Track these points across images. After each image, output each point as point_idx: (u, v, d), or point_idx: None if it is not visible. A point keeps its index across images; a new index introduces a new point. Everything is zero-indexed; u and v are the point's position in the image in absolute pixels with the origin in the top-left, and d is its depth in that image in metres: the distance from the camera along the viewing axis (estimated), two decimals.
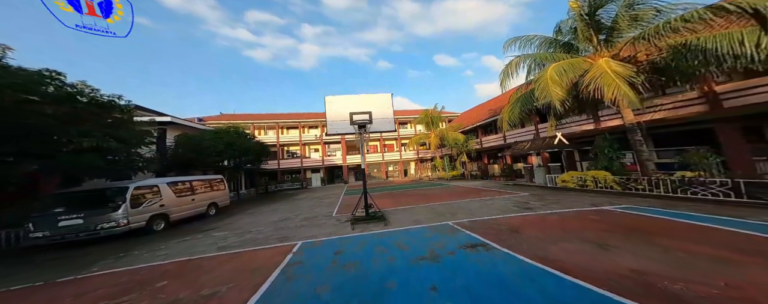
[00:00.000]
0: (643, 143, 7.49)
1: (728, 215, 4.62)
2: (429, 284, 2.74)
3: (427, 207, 7.81)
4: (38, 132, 5.28)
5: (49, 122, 5.36)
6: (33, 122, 5.09)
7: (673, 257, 3.01)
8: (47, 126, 5.37)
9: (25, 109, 5.02)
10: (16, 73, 5.15)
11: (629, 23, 7.52)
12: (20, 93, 5.04)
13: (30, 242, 5.49)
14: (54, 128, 5.53)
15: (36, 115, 5.17)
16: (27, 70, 5.46)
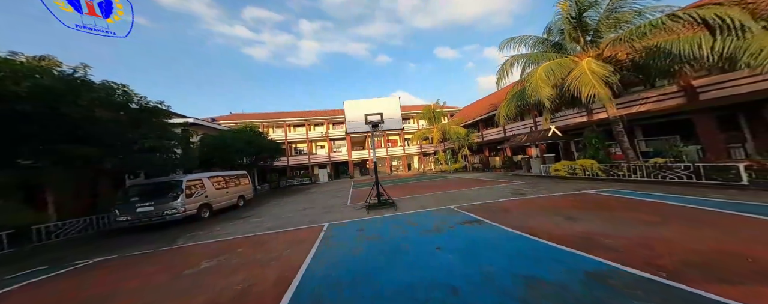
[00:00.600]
0: (624, 134, 8.36)
1: (680, 193, 5.57)
2: (434, 246, 3.79)
3: (431, 196, 8.86)
4: (112, 135, 6.44)
5: (119, 128, 6.52)
6: (111, 128, 6.26)
7: (617, 223, 4.00)
8: (118, 130, 6.53)
9: (104, 117, 6.14)
10: (98, 88, 6.25)
11: (612, 25, 8.26)
12: (102, 105, 6.15)
13: (117, 225, 6.79)
14: (123, 132, 6.70)
15: (113, 123, 6.31)
16: (104, 84, 6.54)
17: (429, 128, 25.89)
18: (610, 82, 7.44)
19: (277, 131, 30.96)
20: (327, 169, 31.07)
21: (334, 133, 31.69)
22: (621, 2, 8.02)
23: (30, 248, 5.69)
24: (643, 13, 7.70)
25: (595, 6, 8.46)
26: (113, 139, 6.54)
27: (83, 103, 5.53)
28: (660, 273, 2.32)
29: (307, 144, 31.41)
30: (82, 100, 5.52)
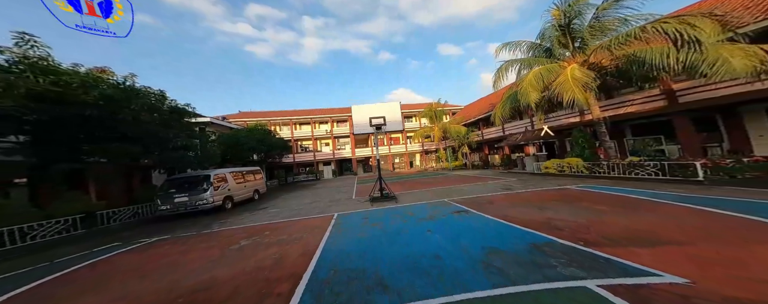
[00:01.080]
0: (606, 134, 9.09)
1: (645, 188, 6.34)
2: (426, 230, 4.68)
3: (429, 190, 9.75)
4: (151, 135, 7.49)
5: (156, 129, 7.56)
6: (150, 129, 7.30)
7: (575, 211, 4.84)
8: (156, 131, 7.57)
9: (145, 120, 7.15)
10: (143, 95, 7.26)
11: (597, 33, 8.91)
12: (145, 109, 7.16)
13: (158, 213, 7.90)
14: (159, 132, 7.74)
15: (152, 124, 7.34)
16: (143, 89, 7.54)
17: (430, 127, 26.62)
18: (591, 87, 8.15)
19: (284, 129, 32.04)
20: (331, 166, 32.15)
21: (338, 131, 32.64)
22: (605, 12, 8.67)
23: (97, 229, 6.80)
24: (627, 20, 8.34)
25: (580, 15, 9.12)
26: (152, 139, 7.60)
27: (134, 108, 6.53)
28: (579, 242, 3.19)
29: (312, 142, 32.47)
30: (133, 106, 6.52)
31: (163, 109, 8.28)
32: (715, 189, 5.65)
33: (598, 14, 8.87)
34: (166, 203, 7.91)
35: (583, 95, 7.71)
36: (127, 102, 6.45)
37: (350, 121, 32.88)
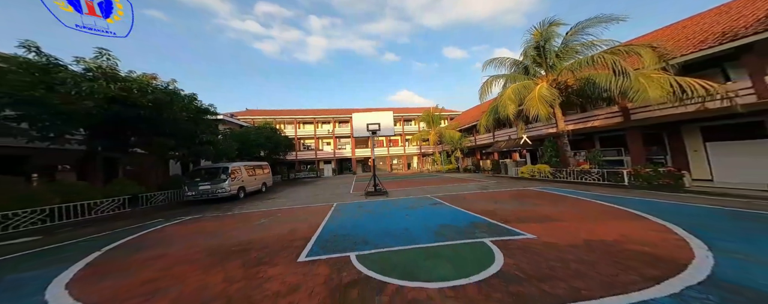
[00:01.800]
0: (567, 145, 10.55)
1: (585, 189, 7.77)
2: (405, 214, 6.13)
3: (418, 188, 11.20)
4: (183, 131, 8.99)
5: (188, 126, 9.06)
6: (183, 126, 8.80)
7: (519, 205, 6.29)
8: (187, 127, 9.08)
9: (181, 118, 8.61)
10: (181, 97, 8.75)
11: (564, 55, 10.38)
12: (182, 109, 8.66)
13: (185, 198, 9.37)
14: (189, 128, 9.26)
15: (184, 122, 8.84)
16: (179, 92, 9.03)
17: (427, 131, 28.08)
18: (555, 104, 9.62)
19: (288, 128, 33.52)
20: (331, 164, 33.60)
21: (339, 132, 34.11)
22: (572, 37, 10.16)
23: (140, 209, 8.28)
24: (594, 44, 9.82)
25: (553, 38, 10.61)
26: (184, 134, 9.10)
27: (176, 108, 8.02)
28: (501, 221, 4.65)
29: (314, 140, 33.93)
30: (175, 107, 8.02)
31: (192, 108, 9.78)
32: (631, 191, 7.12)
33: (566, 39, 10.37)
34: (192, 190, 9.39)
35: (545, 111, 9.17)
36: (170, 104, 7.95)
37: (351, 123, 34.38)
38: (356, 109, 39.28)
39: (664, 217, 4.51)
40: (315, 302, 2.31)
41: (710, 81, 6.97)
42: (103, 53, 6.83)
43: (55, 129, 6.24)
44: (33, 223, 6.01)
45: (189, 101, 9.28)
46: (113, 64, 6.99)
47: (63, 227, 6.26)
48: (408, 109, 39.60)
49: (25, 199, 5.92)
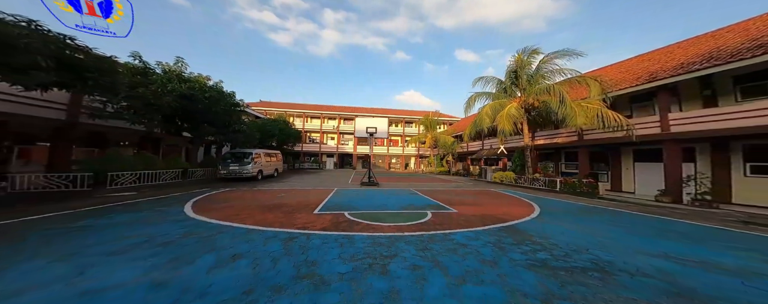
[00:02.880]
0: (528, 157, 12.78)
1: (530, 192, 10.00)
2: (387, 198, 8.46)
3: (405, 184, 13.53)
4: (222, 121, 11.46)
5: (226, 117, 11.53)
6: (221, 117, 11.28)
7: (468, 198, 8.58)
8: (225, 118, 11.55)
9: (221, 111, 11.04)
10: (225, 94, 11.19)
11: (533, 80, 12.56)
12: (223, 103, 11.13)
13: (219, 176, 11.87)
14: (226, 119, 11.72)
15: (222, 113, 11.29)
16: (220, 88, 11.46)
17: (425, 134, 30.31)
18: (520, 122, 11.86)
19: (297, 121, 35.97)
20: (334, 158, 36.03)
21: (344, 128, 36.48)
22: (543, 66, 12.35)
23: (187, 181, 10.76)
24: (559, 72, 12.01)
25: (529, 65, 12.79)
26: (222, 123, 11.57)
27: (221, 104, 10.49)
28: (446, 204, 6.98)
29: (319, 134, 36.36)
30: (221, 102, 10.47)
31: (230, 103, 12.23)
32: (557, 195, 9.39)
33: (538, 67, 12.56)
34: (225, 169, 11.83)
35: (510, 127, 11.40)
36: (218, 101, 10.41)
37: (355, 121, 36.65)
38: (361, 107, 41.56)
39: (541, 205, 6.88)
40: (324, 225, 4.65)
41: (645, 112, 9.20)
42: (178, 60, 9.30)
43: (147, 116, 8.70)
44: (132, 181, 8.50)
45: (229, 98, 11.74)
46: (183, 68, 9.45)
47: (144, 188, 8.72)
48: (410, 112, 41.78)
49: (129, 164, 8.41)
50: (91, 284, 2.27)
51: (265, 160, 13.88)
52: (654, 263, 3.06)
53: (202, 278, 2.44)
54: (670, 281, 2.58)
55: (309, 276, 2.51)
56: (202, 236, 3.80)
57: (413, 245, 3.53)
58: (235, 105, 12.67)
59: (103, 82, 6.46)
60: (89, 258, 2.86)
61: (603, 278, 2.61)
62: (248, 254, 3.08)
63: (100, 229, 4.06)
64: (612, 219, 5.68)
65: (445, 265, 2.85)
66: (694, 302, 2.22)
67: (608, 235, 4.33)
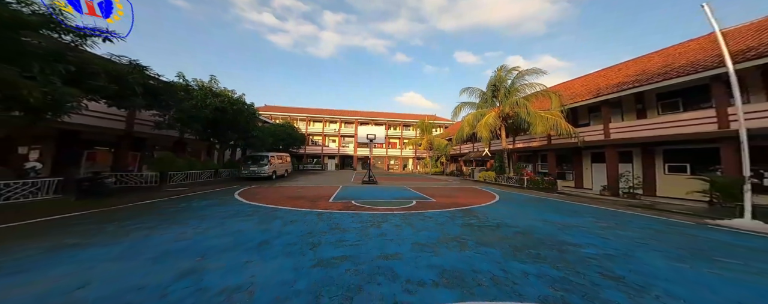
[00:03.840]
0: (506, 159, 14.89)
1: (503, 188, 12.09)
2: (384, 192, 10.54)
3: (401, 182, 15.62)
4: (242, 127, 13.57)
5: (246, 125, 13.65)
6: (242, 124, 13.39)
7: (449, 192, 10.67)
8: (245, 125, 13.67)
9: (242, 119, 13.15)
10: (248, 105, 13.31)
11: (509, 93, 14.69)
12: (245, 113, 13.23)
13: (241, 176, 13.96)
14: (246, 126, 13.84)
15: (246, 122, 13.39)
16: (246, 102, 13.56)
17: (421, 137, 32.43)
18: (500, 129, 13.98)
19: (300, 124, 38.04)
20: (335, 160, 38.09)
21: (345, 131, 38.57)
22: (517, 80, 14.48)
23: (218, 180, 12.82)
24: (531, 86, 14.15)
25: (507, 80, 14.93)
26: (243, 130, 13.67)
27: (245, 114, 12.62)
28: (428, 196, 9.07)
29: (322, 137, 38.43)
30: (245, 112, 12.59)
31: (249, 112, 14.33)
32: (523, 190, 11.47)
33: (514, 80, 14.70)
34: (246, 169, 13.90)
35: (486, 135, 13.51)
36: (242, 111, 12.54)
37: (356, 124, 38.78)
38: (362, 111, 43.67)
39: (503, 197, 8.99)
40: (339, 208, 6.70)
41: (599, 121, 11.30)
42: (212, 78, 11.52)
43: (191, 126, 10.81)
44: (182, 180, 10.58)
45: (250, 108, 13.87)
46: (214, 84, 11.61)
47: (190, 184, 10.76)
48: (408, 115, 43.91)
49: (181, 166, 10.52)
50: (227, 230, 4.36)
51: (277, 162, 15.95)
52: (530, 224, 5.17)
53: (280, 229, 4.52)
54: (525, 230, 4.66)
55: (337, 228, 4.60)
56: (265, 212, 5.87)
57: (398, 217, 5.61)
58: (253, 114, 14.77)
59: (170, 102, 8.57)
60: (214, 220, 4.95)
61: (494, 229, 4.70)
62: (299, 221, 5.15)
63: (201, 208, 6.13)
64: (543, 205, 7.75)
65: (414, 224, 4.94)
66: (528, 236, 4.29)
67: (525, 213, 6.42)
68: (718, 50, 7.59)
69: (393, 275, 2.68)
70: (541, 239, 4.15)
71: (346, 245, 3.62)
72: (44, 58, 5.37)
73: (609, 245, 3.90)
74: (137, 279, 2.49)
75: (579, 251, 3.57)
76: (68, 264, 2.82)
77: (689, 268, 3.10)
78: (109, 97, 7.26)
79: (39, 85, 5.17)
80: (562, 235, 4.41)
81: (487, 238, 4.14)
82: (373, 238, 4.02)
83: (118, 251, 3.26)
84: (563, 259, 3.25)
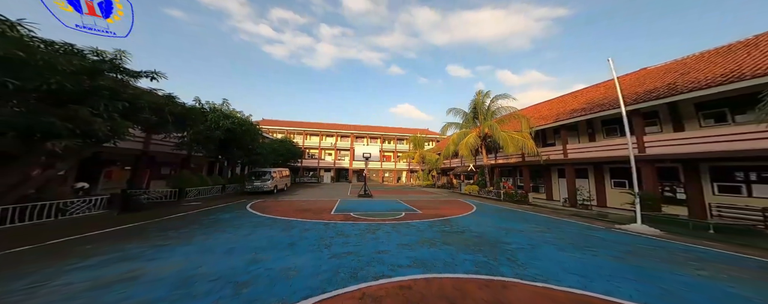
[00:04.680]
0: (485, 174, 16.74)
1: (481, 200, 13.77)
2: (378, 205, 12.04)
3: (394, 195, 17.13)
4: (247, 145, 15.02)
5: (250, 142, 15.12)
6: (247, 141, 14.86)
7: (435, 204, 12.26)
8: (250, 143, 15.14)
9: (250, 140, 14.63)
10: (253, 125, 14.87)
11: (488, 115, 16.82)
12: (252, 133, 14.75)
13: (246, 190, 15.21)
14: (250, 145, 15.30)
15: (251, 141, 14.88)
16: (252, 122, 15.12)
17: (414, 151, 34.32)
18: (480, 148, 15.93)
19: (297, 137, 39.48)
20: (331, 172, 39.28)
21: (340, 145, 40.14)
22: (492, 104, 16.67)
23: (225, 194, 14.03)
24: (507, 108, 16.33)
25: (483, 104, 17.11)
26: (248, 148, 15.11)
27: (251, 133, 14.13)
28: (415, 207, 10.66)
29: (318, 151, 39.81)
30: (251, 131, 14.10)
31: (255, 131, 15.84)
32: (500, 202, 13.18)
33: (490, 104, 16.89)
34: (250, 184, 15.16)
35: (467, 153, 15.42)
36: (248, 131, 14.09)
37: (352, 138, 40.53)
38: (357, 125, 45.59)
39: (479, 208, 10.62)
40: (340, 219, 8.18)
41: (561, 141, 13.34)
42: (224, 101, 13.16)
43: (205, 146, 12.23)
44: (195, 195, 11.81)
45: (256, 128, 15.43)
46: (225, 107, 13.25)
47: (202, 199, 11.97)
48: (402, 129, 46.06)
49: (195, 182, 11.80)
50: (260, 236, 5.81)
51: (278, 176, 17.29)
52: (486, 230, 6.80)
53: (300, 235, 5.99)
54: (479, 234, 6.28)
55: (341, 234, 6.10)
56: (283, 223, 7.29)
57: (389, 226, 7.15)
58: (258, 133, 16.31)
59: (191, 125, 10.12)
60: (246, 229, 6.36)
61: (459, 234, 6.30)
62: (311, 229, 6.62)
63: (227, 220, 7.49)
64: (505, 215, 9.39)
65: (401, 231, 6.50)
66: (480, 238, 5.90)
67: (487, 222, 8.03)
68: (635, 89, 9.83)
69: (382, 262, 4.22)
70: (488, 240, 5.77)
71: (350, 246, 5.14)
72: (109, 98, 6.89)
73: (527, 243, 5.56)
74: (226, 264, 3.96)
75: (505, 247, 5.21)
76: (178, 256, 4.27)
77: (564, 254, 4.79)
78: (149, 125, 8.76)
79: (105, 121, 6.69)
80: (504, 237, 6.06)
81: (451, 240, 5.74)
82: (369, 241, 5.55)
83: (197, 249, 4.69)
84: (492, 251, 4.88)
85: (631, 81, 12.69)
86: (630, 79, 13.05)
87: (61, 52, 6.41)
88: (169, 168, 15.52)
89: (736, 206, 7.61)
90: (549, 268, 4.05)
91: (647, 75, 12.15)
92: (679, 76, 9.90)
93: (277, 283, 3.33)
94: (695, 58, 10.98)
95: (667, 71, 11.14)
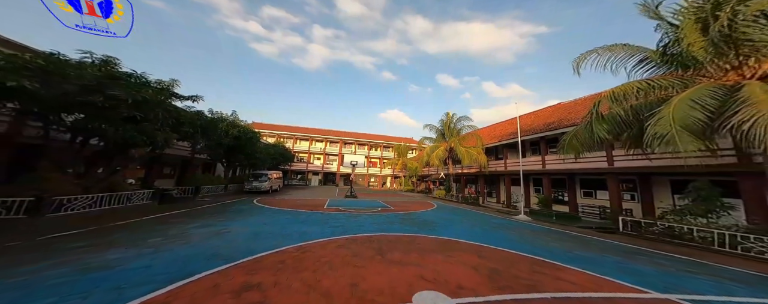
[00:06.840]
0: (451, 181, 20.44)
1: (448, 203, 17.23)
2: (361, 203, 15.05)
3: (377, 197, 20.20)
4: (247, 152, 17.56)
5: (253, 147, 17.68)
6: (250, 147, 17.42)
7: (407, 204, 15.54)
8: (253, 149, 17.69)
9: (251, 146, 17.20)
10: (256, 133, 17.44)
11: (453, 133, 20.64)
12: (254, 140, 17.33)
13: (246, 189, 17.61)
14: (251, 150, 17.86)
15: (250, 144, 17.45)
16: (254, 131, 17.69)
17: (397, 159, 37.76)
18: (447, 160, 19.59)
19: (287, 142, 41.50)
20: (319, 176, 41.59)
21: (329, 150, 42.68)
22: (457, 124, 20.53)
23: (228, 192, 16.35)
24: (469, 127, 20.20)
25: (451, 122, 20.93)
26: (249, 152, 17.65)
27: (257, 140, 16.73)
28: (389, 206, 13.86)
29: (307, 155, 42.04)
30: (254, 138, 16.71)
31: (257, 138, 18.39)
32: (459, 204, 16.74)
33: (455, 123, 20.75)
34: (249, 185, 17.56)
35: (437, 163, 18.99)
36: (251, 138, 16.68)
37: (341, 144, 43.26)
38: (346, 131, 48.44)
39: (439, 207, 13.99)
40: (331, 211, 11.14)
41: (512, 156, 17.26)
42: (233, 112, 15.91)
43: (215, 152, 14.70)
44: (205, 193, 14.19)
45: (257, 135, 18.02)
46: (235, 116, 15.90)
47: (211, 196, 14.31)
48: (388, 137, 49.54)
49: (207, 181, 14.19)
50: (279, 219, 8.70)
51: (273, 178, 19.81)
52: (429, 218, 10.10)
53: (306, 218, 8.93)
54: (424, 220, 9.57)
55: (334, 219, 9.11)
56: (291, 212, 10.12)
57: (367, 215, 10.23)
58: (259, 140, 18.88)
59: (211, 134, 12.79)
60: (266, 215, 9.16)
61: (412, 219, 9.54)
62: (313, 215, 9.54)
63: (247, 210, 10.16)
64: (451, 211, 12.68)
65: (375, 218, 9.63)
66: (422, 221, 9.19)
67: (436, 214, 11.31)
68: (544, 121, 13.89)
69: (360, 230, 7.31)
70: (426, 222, 9.05)
71: (340, 223, 8.18)
72: (164, 117, 9.50)
73: (449, 223, 8.92)
74: (270, 229, 6.86)
75: (434, 225, 8.51)
76: (238, 225, 7.08)
77: (464, 227, 8.20)
78: (185, 136, 11.37)
79: (162, 134, 9.33)
80: (438, 221, 9.38)
81: (404, 222, 8.94)
82: (353, 222, 8.62)
83: (246, 222, 7.52)
84: (425, 227, 8.14)
85: (549, 113, 17.01)
86: (548, 111, 17.40)
87: (133, 82, 9.01)
88: (170, 168, 17.62)
89: (590, 204, 11.67)
90: (451, 232, 7.37)
91: (554, 111, 16.49)
92: (564, 115, 14.17)
93: (304, 236, 6.33)
94: (575, 103, 15.47)
95: (563, 109, 15.49)
